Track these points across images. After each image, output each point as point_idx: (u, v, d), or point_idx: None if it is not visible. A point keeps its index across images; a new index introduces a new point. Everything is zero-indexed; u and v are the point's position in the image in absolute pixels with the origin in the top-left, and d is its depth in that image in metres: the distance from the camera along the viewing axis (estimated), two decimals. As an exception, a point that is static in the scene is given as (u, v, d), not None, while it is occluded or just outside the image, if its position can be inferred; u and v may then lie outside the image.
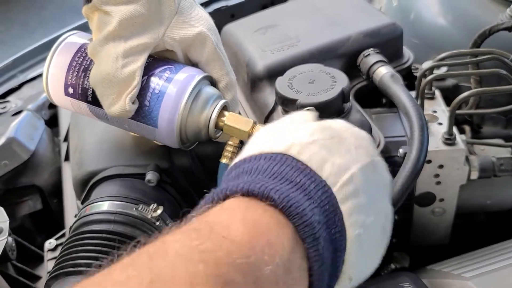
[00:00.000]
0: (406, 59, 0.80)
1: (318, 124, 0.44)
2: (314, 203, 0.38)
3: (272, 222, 0.36)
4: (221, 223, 0.35)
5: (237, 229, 0.35)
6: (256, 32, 0.81)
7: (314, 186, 0.39)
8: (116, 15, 0.56)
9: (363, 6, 0.85)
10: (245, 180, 0.39)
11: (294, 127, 0.44)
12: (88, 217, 0.61)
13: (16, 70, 1.15)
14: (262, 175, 0.39)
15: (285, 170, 0.39)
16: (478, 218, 0.77)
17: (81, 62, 0.62)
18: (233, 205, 0.37)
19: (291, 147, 0.41)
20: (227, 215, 0.36)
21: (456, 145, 0.66)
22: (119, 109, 0.57)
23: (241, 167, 0.42)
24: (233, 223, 0.35)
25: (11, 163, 0.89)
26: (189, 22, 0.60)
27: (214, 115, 0.59)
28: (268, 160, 0.40)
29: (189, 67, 0.61)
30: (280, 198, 0.37)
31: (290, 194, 0.37)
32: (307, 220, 0.37)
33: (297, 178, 0.39)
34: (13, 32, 3.53)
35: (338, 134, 0.43)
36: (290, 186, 0.38)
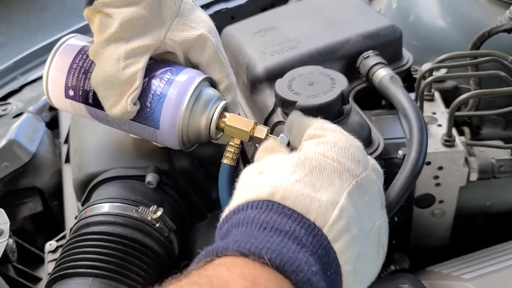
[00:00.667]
0: (405, 61, 0.80)
1: (296, 157, 0.43)
2: (308, 252, 0.38)
3: (271, 278, 0.36)
4: (221, 279, 0.35)
5: (236, 285, 0.35)
6: (256, 34, 0.81)
7: (304, 232, 0.39)
8: (117, 17, 0.57)
9: (362, 8, 0.85)
10: (235, 237, 0.39)
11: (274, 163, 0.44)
12: (89, 218, 0.61)
13: (17, 72, 1.16)
14: (251, 228, 0.39)
15: (272, 219, 0.39)
16: (478, 220, 0.77)
17: (81, 64, 0.62)
18: (230, 261, 0.37)
19: (274, 193, 0.41)
20: (226, 271, 0.36)
21: (455, 146, 0.66)
22: (121, 110, 0.57)
23: (230, 220, 0.42)
24: (233, 279, 0.35)
25: (11, 165, 0.89)
26: (190, 25, 0.60)
27: (215, 116, 0.59)
28: (254, 209, 0.40)
29: (190, 69, 0.61)
30: (272, 258, 0.36)
31: (283, 249, 0.37)
32: (303, 277, 0.36)
33: (286, 226, 0.39)
34: (14, 34, 3.54)
35: (317, 164, 0.43)
36: (280, 238, 0.38)
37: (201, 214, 0.71)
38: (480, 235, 0.77)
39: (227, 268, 0.36)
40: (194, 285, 0.35)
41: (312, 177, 0.42)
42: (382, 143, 0.66)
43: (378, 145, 0.65)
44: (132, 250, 0.58)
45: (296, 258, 0.37)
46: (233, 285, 0.35)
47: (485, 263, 0.64)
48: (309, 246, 0.38)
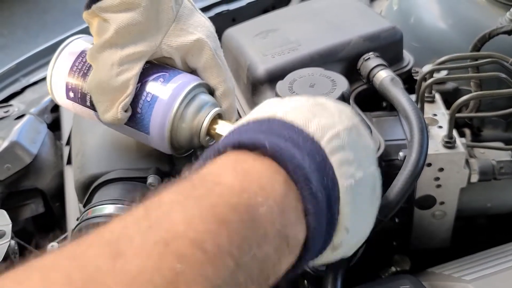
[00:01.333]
0: (406, 63, 0.80)
1: (301, 96, 0.46)
2: (304, 152, 0.39)
3: (263, 169, 0.37)
4: (212, 173, 0.37)
5: (227, 177, 0.36)
6: (257, 36, 0.81)
7: (302, 139, 0.40)
8: (113, 23, 0.57)
9: (363, 10, 0.85)
10: (234, 137, 0.40)
11: (281, 99, 0.46)
12: (90, 220, 0.61)
13: (19, 74, 1.16)
14: (252, 131, 0.40)
15: (273, 128, 0.40)
16: (479, 221, 0.77)
17: (80, 67, 0.62)
18: (224, 159, 0.38)
19: (276, 112, 0.42)
20: (217, 167, 0.37)
21: (456, 148, 0.66)
22: (111, 117, 0.58)
23: (232, 131, 0.43)
24: (224, 172, 0.36)
25: (13, 167, 0.90)
26: (187, 29, 0.60)
27: (205, 123, 0.59)
28: (256, 123, 0.42)
29: (185, 74, 0.61)
30: (270, 145, 0.37)
31: (280, 143, 0.38)
32: (298, 163, 0.37)
33: (285, 132, 0.40)
34: (15, 36, 3.55)
35: (321, 103, 0.45)
36: (279, 138, 0.39)
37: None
38: (481, 237, 0.77)
39: (220, 164, 0.38)
40: (186, 182, 0.35)
41: (314, 108, 0.44)
42: (383, 144, 0.66)
43: (379, 147, 0.66)
44: (134, 251, 0.58)
45: (292, 151, 0.38)
46: (225, 177, 0.36)
47: (486, 265, 0.64)
48: (306, 149, 0.39)
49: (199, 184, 0.35)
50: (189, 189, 0.35)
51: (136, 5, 0.57)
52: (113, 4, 0.57)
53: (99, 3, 0.57)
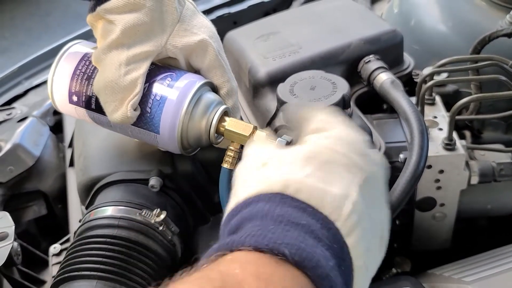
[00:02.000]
0: (406, 65, 0.80)
1: (303, 152, 0.43)
2: (324, 246, 0.37)
3: (287, 276, 0.35)
4: (233, 277, 0.34)
5: (250, 285, 0.33)
6: (258, 39, 0.82)
7: (320, 226, 0.38)
8: (119, 24, 0.57)
9: (363, 13, 0.85)
10: (249, 231, 0.37)
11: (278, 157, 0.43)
12: (93, 222, 0.62)
13: (22, 77, 1.17)
14: (266, 221, 0.38)
15: (287, 212, 0.38)
16: (479, 223, 0.78)
17: (84, 70, 0.62)
18: (244, 258, 0.36)
19: (287, 186, 0.40)
20: (239, 269, 0.34)
21: (456, 150, 0.66)
22: (121, 115, 0.58)
23: (240, 213, 0.40)
24: (246, 278, 0.34)
25: (16, 169, 0.90)
26: (191, 30, 0.61)
27: (215, 120, 0.60)
28: (267, 202, 0.39)
29: (190, 74, 0.62)
30: (292, 252, 0.35)
31: (301, 244, 0.36)
32: (323, 272, 0.35)
33: (302, 219, 0.38)
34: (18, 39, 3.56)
35: (328, 159, 0.42)
36: (297, 232, 0.37)
37: (203, 217, 0.72)
38: (481, 238, 0.77)
39: (241, 265, 0.35)
40: (206, 280, 0.34)
41: (323, 172, 0.41)
42: (384, 146, 0.66)
43: (379, 149, 0.66)
44: (136, 253, 0.59)
45: (314, 252, 0.36)
46: (246, 285, 0.33)
47: (486, 266, 0.65)
48: (325, 241, 0.37)
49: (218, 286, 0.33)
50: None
51: (141, 6, 0.58)
52: (118, 6, 0.57)
53: (104, 5, 0.58)
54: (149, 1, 0.58)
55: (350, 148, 0.43)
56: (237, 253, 0.36)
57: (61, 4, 3.73)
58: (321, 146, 0.43)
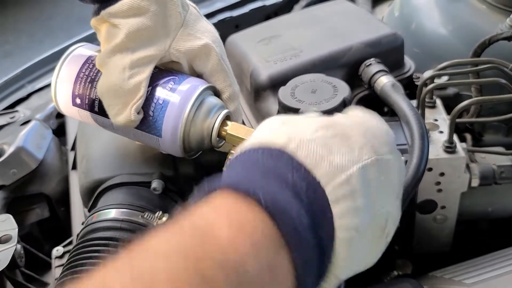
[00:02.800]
0: (407, 68, 0.81)
1: (324, 120, 0.43)
2: (302, 204, 0.37)
3: (257, 223, 0.35)
4: (205, 220, 0.35)
5: (221, 228, 0.34)
6: (259, 43, 0.82)
7: (306, 186, 0.38)
8: (123, 28, 0.58)
9: (364, 16, 0.86)
10: (237, 173, 0.39)
11: (300, 120, 0.43)
12: (95, 224, 0.62)
13: (25, 81, 1.17)
14: (253, 169, 0.39)
15: (277, 166, 0.39)
16: (480, 225, 0.78)
17: (88, 73, 0.63)
18: (220, 201, 0.37)
19: (290, 142, 0.40)
20: (212, 212, 0.36)
21: (456, 153, 0.67)
22: (125, 119, 0.58)
23: (239, 157, 0.41)
24: (218, 221, 0.35)
25: (19, 172, 0.90)
26: (195, 35, 0.62)
27: (216, 124, 0.60)
28: (264, 154, 0.40)
29: (193, 78, 0.62)
30: (266, 199, 0.36)
31: (278, 195, 0.37)
32: (291, 224, 0.36)
33: (289, 176, 0.38)
34: (21, 43, 3.57)
35: (343, 131, 0.42)
36: (279, 185, 0.37)
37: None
38: (482, 241, 0.77)
39: (215, 209, 0.36)
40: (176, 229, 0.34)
41: (332, 141, 0.41)
42: (384, 149, 0.67)
43: (380, 152, 0.66)
44: (138, 255, 0.59)
45: (288, 207, 0.36)
46: (218, 228, 0.34)
47: (487, 269, 0.65)
48: (305, 201, 0.38)
49: (188, 234, 0.34)
50: (178, 238, 0.33)
51: (145, 10, 0.58)
52: (123, 10, 0.58)
53: (108, 9, 0.58)
54: (153, 5, 0.58)
55: (370, 131, 0.43)
56: (216, 195, 0.37)
57: (64, 8, 3.75)
58: (341, 120, 0.44)
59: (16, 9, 3.87)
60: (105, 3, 0.59)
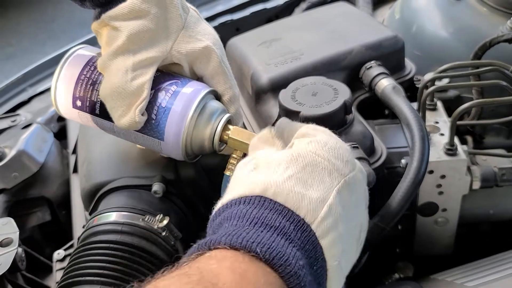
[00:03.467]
0: (408, 71, 0.81)
1: (289, 154, 0.45)
2: (296, 246, 0.40)
3: (260, 272, 0.37)
4: (211, 271, 0.36)
5: (225, 278, 0.36)
6: (260, 46, 0.82)
7: (294, 228, 0.41)
8: (125, 30, 0.58)
9: (365, 19, 0.86)
10: (227, 230, 0.40)
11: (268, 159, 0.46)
12: (96, 227, 0.62)
13: (26, 84, 1.18)
14: (242, 222, 0.41)
15: (263, 214, 0.41)
16: (481, 228, 0.78)
17: (89, 75, 0.63)
18: (220, 254, 0.38)
19: (267, 189, 0.42)
20: (216, 264, 0.37)
21: (457, 155, 0.66)
22: (129, 121, 0.58)
23: (223, 214, 0.43)
24: (222, 271, 0.36)
25: (21, 175, 0.91)
26: (196, 37, 0.62)
27: (219, 129, 0.60)
28: (247, 204, 0.42)
29: (195, 82, 0.62)
30: (262, 251, 0.38)
31: (272, 244, 0.39)
32: (291, 270, 0.38)
33: (276, 221, 0.40)
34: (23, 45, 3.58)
35: (310, 161, 0.45)
36: (270, 233, 0.40)
37: (206, 223, 0.72)
38: (484, 243, 0.77)
39: (217, 260, 0.38)
40: (184, 276, 0.36)
41: (304, 174, 0.44)
42: (385, 152, 0.67)
43: (381, 154, 0.66)
44: (139, 258, 0.59)
45: (284, 252, 0.38)
46: (223, 277, 0.36)
47: (488, 271, 0.65)
48: (297, 242, 0.40)
49: (196, 282, 0.35)
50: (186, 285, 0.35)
51: (145, 13, 0.58)
52: (123, 12, 0.58)
53: (109, 12, 0.59)
54: (153, 8, 0.58)
55: (332, 153, 0.46)
56: (215, 251, 0.39)
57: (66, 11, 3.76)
58: (304, 149, 0.46)
59: (18, 12, 3.88)
60: (105, 6, 0.59)
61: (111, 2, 0.58)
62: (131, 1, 0.58)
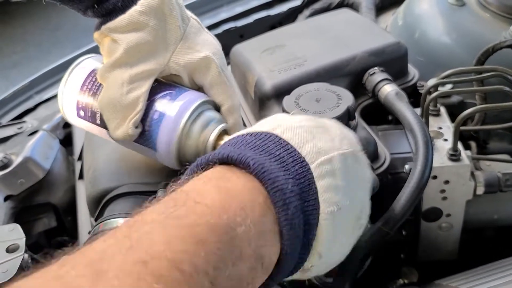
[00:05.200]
0: (411, 77, 0.81)
1: (308, 116, 0.48)
2: (290, 174, 0.40)
3: (246, 188, 0.38)
4: (196, 190, 0.38)
5: (210, 195, 0.37)
6: (264, 52, 0.83)
7: (292, 160, 0.41)
8: (122, 43, 0.59)
9: (368, 25, 0.86)
10: (228, 150, 0.41)
11: (287, 116, 0.48)
12: (102, 233, 0.62)
13: (32, 91, 1.19)
14: (245, 147, 0.42)
15: (266, 144, 0.42)
16: (486, 233, 0.78)
17: (90, 86, 0.64)
18: (209, 174, 0.40)
19: (277, 127, 0.44)
20: (202, 183, 0.39)
21: (461, 161, 0.67)
22: (123, 133, 0.59)
23: (229, 141, 0.44)
24: (207, 190, 0.37)
25: (27, 182, 0.91)
26: (195, 48, 0.62)
27: (211, 138, 0.60)
28: (253, 136, 0.43)
29: (191, 92, 0.63)
30: (255, 164, 0.39)
31: (266, 163, 0.39)
32: (278, 186, 0.39)
33: (277, 151, 0.41)
34: (28, 53, 3.61)
35: (324, 125, 0.46)
36: (268, 157, 0.41)
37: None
38: (488, 249, 0.77)
39: (205, 180, 0.39)
40: (170, 200, 0.37)
41: (315, 130, 0.45)
42: (389, 157, 0.67)
43: (384, 160, 0.67)
44: (144, 264, 0.60)
45: (276, 172, 0.39)
46: (207, 195, 0.37)
47: (493, 276, 0.64)
48: (292, 172, 0.40)
49: (181, 202, 0.36)
50: (171, 208, 0.36)
51: (144, 25, 0.59)
52: (122, 25, 0.58)
53: (108, 24, 0.59)
54: (152, 20, 0.59)
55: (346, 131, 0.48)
56: (206, 171, 0.40)
57: (70, 18, 3.79)
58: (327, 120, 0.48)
59: (24, 20, 3.91)
60: (106, 17, 0.59)
61: (111, 13, 0.59)
62: (130, 13, 0.58)
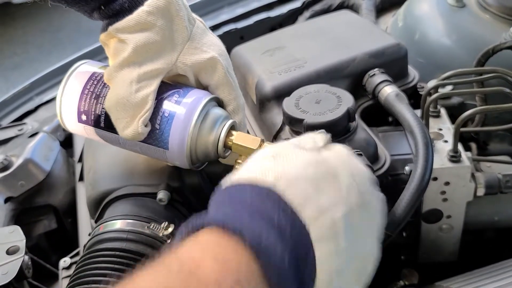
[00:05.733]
0: (411, 78, 0.81)
1: (314, 156, 0.44)
2: (287, 245, 0.38)
3: (243, 262, 0.36)
4: (191, 259, 0.36)
5: (206, 266, 0.35)
6: (264, 54, 0.83)
7: (290, 228, 0.39)
8: (131, 43, 0.59)
9: (368, 27, 0.86)
10: (224, 211, 0.39)
11: (291, 154, 0.44)
12: (102, 235, 0.62)
13: (33, 93, 1.19)
14: (242, 208, 0.39)
15: (265, 207, 0.39)
16: (486, 235, 0.77)
17: (93, 89, 0.64)
18: (206, 238, 0.38)
19: (279, 181, 0.41)
20: (198, 251, 0.36)
21: (461, 162, 0.67)
22: (132, 132, 0.59)
23: (227, 192, 0.42)
24: (203, 259, 0.35)
25: (27, 184, 0.91)
26: (201, 48, 0.62)
27: (222, 135, 0.61)
28: (252, 193, 0.41)
29: (197, 90, 0.63)
30: (252, 239, 0.37)
31: (263, 236, 0.37)
32: (275, 265, 0.37)
33: (275, 217, 0.39)
34: (29, 55, 3.61)
35: (332, 171, 0.43)
36: (265, 226, 0.38)
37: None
38: (489, 250, 0.77)
39: (201, 247, 0.37)
40: (163, 268, 0.35)
41: (321, 180, 0.42)
42: (389, 159, 0.67)
43: (384, 161, 0.66)
44: (144, 266, 0.60)
45: (273, 247, 0.37)
46: (203, 267, 0.35)
47: (494, 278, 0.64)
48: (289, 242, 0.38)
49: (175, 272, 0.35)
50: (165, 277, 0.34)
51: (151, 25, 0.59)
52: (130, 25, 0.59)
53: (116, 25, 0.59)
54: (159, 20, 0.59)
55: (356, 172, 0.44)
56: (202, 233, 0.38)
57: (71, 20, 3.79)
58: (330, 158, 0.44)
59: (25, 21, 3.92)
60: (112, 18, 0.60)
61: (118, 15, 0.59)
62: (137, 13, 0.58)
